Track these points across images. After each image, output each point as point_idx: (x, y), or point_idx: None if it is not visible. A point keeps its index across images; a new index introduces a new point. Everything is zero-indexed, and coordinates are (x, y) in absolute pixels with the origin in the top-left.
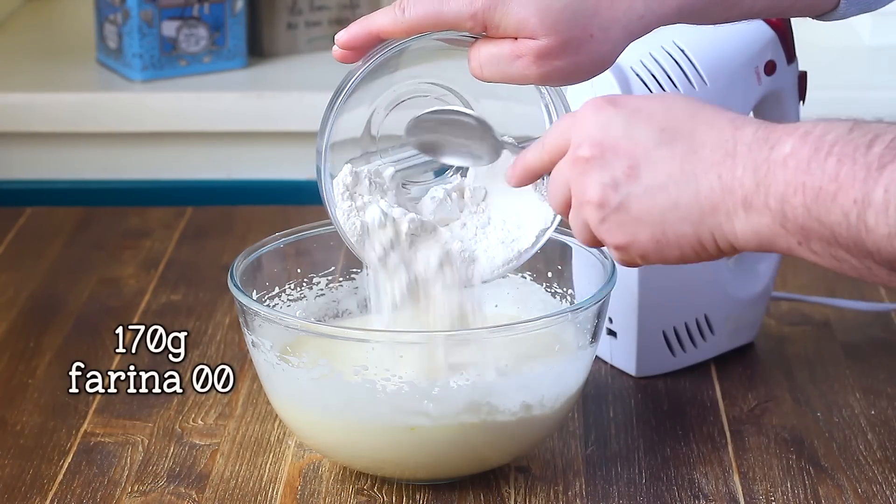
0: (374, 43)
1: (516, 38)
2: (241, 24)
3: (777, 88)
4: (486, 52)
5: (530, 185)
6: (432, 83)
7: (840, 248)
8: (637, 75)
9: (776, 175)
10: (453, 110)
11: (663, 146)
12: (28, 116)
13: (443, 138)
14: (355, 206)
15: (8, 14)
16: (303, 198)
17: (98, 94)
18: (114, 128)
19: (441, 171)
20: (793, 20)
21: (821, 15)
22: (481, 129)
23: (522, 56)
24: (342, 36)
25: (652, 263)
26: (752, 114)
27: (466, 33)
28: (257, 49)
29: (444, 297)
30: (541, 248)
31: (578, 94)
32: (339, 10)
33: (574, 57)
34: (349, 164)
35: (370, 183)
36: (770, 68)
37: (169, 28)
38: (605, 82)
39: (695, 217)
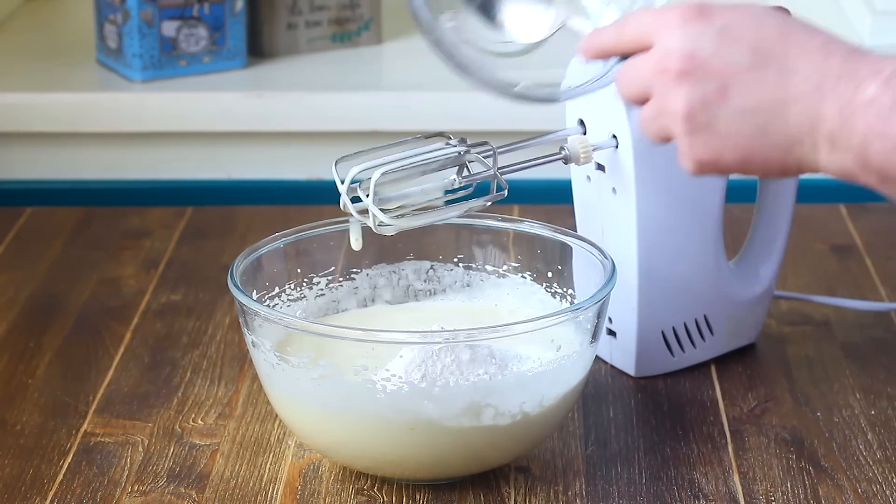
0: None
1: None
2: (241, 24)
3: None
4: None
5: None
6: None
7: None
8: None
9: (859, 119)
10: None
11: (755, 69)
12: (28, 116)
13: None
14: None
15: (8, 14)
16: (303, 198)
17: (98, 94)
18: (114, 128)
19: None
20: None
21: None
22: None
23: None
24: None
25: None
26: None
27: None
28: (257, 49)
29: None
30: (541, 249)
31: None
32: (338, 10)
33: None
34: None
35: None
36: None
37: (169, 28)
38: None
39: (783, 145)
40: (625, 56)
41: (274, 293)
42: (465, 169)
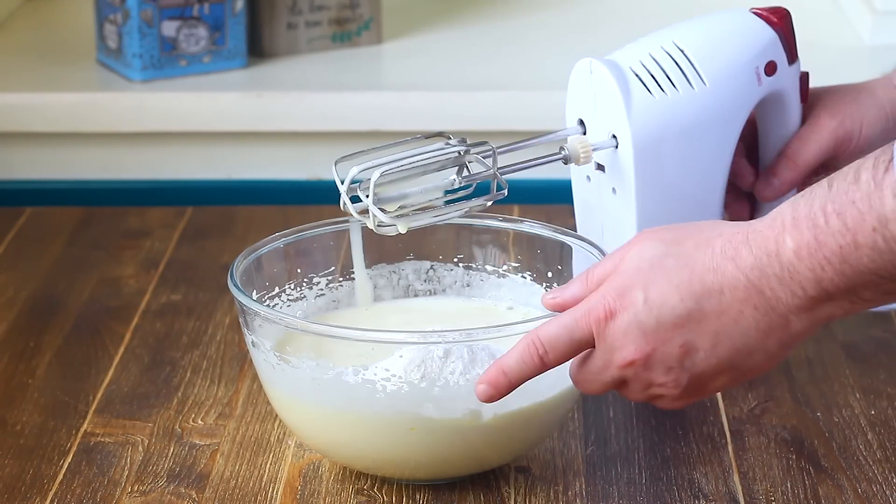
0: None
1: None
2: (241, 24)
3: (778, 89)
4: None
5: None
6: None
7: (887, 280)
8: (636, 76)
9: (799, 272)
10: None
11: (695, 321)
12: (28, 116)
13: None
14: None
15: (8, 14)
16: (303, 198)
17: (98, 94)
18: (114, 128)
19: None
20: (792, 19)
21: None
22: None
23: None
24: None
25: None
26: (753, 114)
27: None
28: (257, 49)
29: None
30: (541, 249)
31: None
32: (339, 10)
33: None
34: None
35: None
36: (771, 69)
37: (169, 28)
38: (604, 83)
39: (756, 346)
40: None
41: (274, 293)
42: (465, 169)
